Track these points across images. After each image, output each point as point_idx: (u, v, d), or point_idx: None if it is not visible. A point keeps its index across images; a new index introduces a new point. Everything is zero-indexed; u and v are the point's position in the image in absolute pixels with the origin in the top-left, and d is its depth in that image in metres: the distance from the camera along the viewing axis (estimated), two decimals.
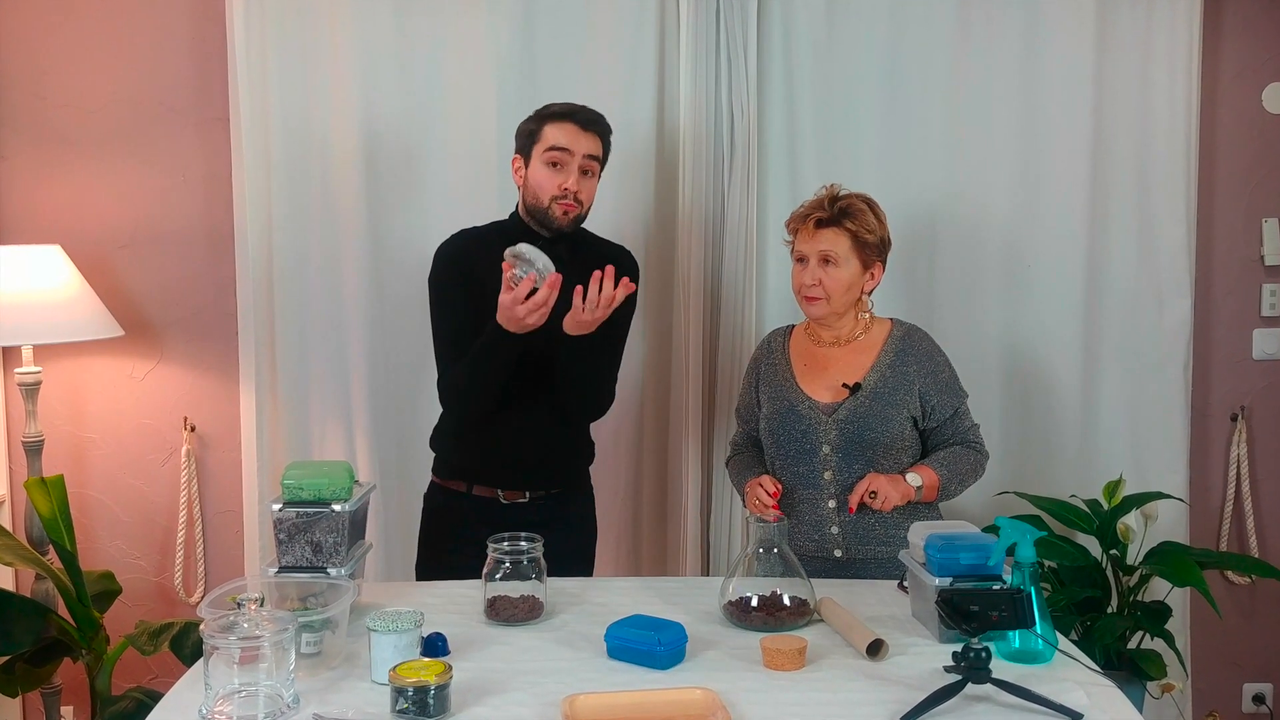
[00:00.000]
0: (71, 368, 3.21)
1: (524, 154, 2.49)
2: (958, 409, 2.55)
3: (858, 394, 2.49)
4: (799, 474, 2.52)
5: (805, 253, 2.51)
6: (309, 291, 3.15)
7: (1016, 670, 1.89)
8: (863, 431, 2.47)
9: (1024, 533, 2.01)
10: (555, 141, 2.42)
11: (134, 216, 3.20)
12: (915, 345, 2.55)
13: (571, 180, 2.43)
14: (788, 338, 2.66)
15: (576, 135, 2.44)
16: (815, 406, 2.52)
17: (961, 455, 2.53)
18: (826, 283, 2.49)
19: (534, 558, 2.16)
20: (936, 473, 2.48)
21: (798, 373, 2.58)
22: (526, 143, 2.48)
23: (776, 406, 2.56)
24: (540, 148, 2.44)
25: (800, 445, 2.51)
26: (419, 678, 1.69)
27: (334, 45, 3.10)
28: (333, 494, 2.11)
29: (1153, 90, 3.22)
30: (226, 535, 3.28)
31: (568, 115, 2.45)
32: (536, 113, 2.50)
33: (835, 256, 2.48)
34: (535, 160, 2.45)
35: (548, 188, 2.43)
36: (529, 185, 2.47)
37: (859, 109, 3.20)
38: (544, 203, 2.44)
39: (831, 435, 2.49)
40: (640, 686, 1.85)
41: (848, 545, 2.49)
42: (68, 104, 3.17)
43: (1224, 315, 3.40)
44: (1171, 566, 2.90)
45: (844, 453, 2.48)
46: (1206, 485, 3.43)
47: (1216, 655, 3.41)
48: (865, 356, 2.54)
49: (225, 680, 1.71)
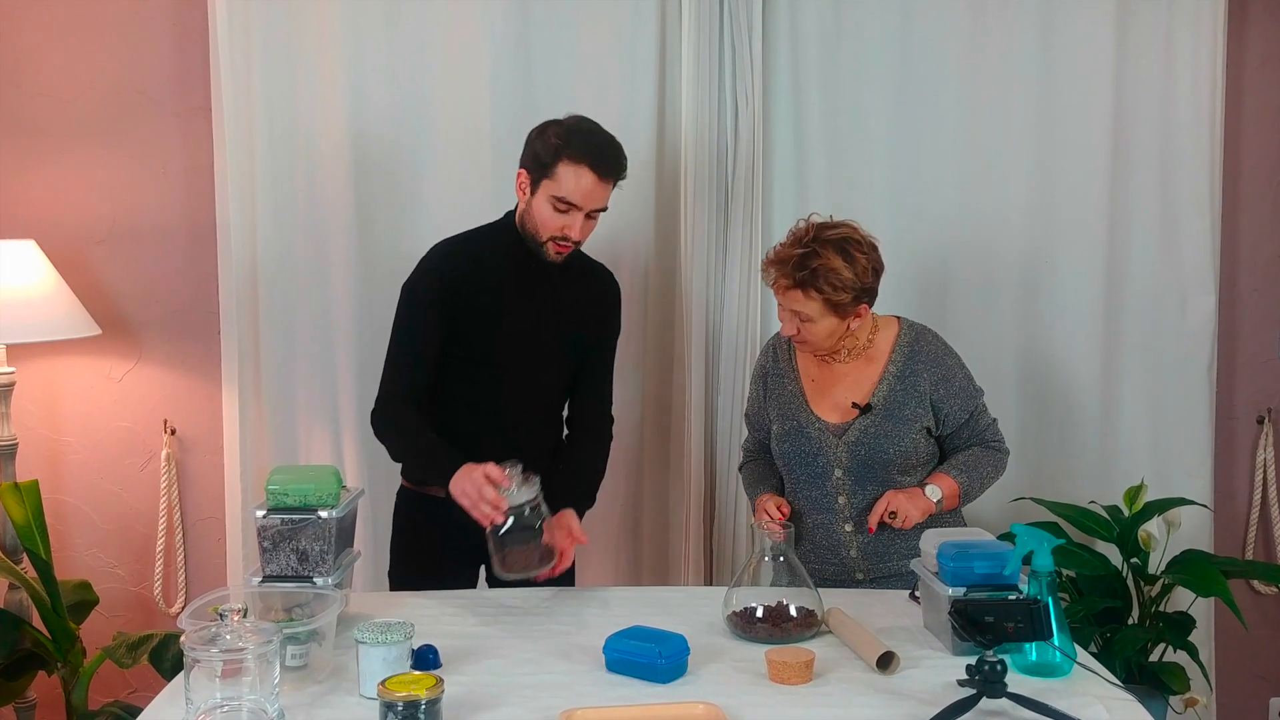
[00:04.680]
0: (46, 368, 3.21)
1: (531, 178, 2.42)
2: (974, 411, 2.55)
3: (868, 414, 2.48)
4: (812, 498, 2.53)
5: (780, 302, 2.47)
6: (294, 289, 3.15)
7: (1033, 684, 1.89)
8: (875, 453, 2.47)
9: (1041, 540, 2.01)
10: (568, 195, 2.36)
11: (112, 210, 3.20)
12: (924, 350, 2.54)
13: (575, 230, 2.40)
14: (793, 346, 2.64)
15: (593, 189, 2.37)
16: (825, 428, 2.51)
17: (981, 457, 2.53)
18: (805, 334, 2.46)
19: (535, 505, 2.19)
20: (956, 480, 2.49)
21: (807, 389, 2.57)
22: (536, 170, 2.40)
23: (786, 427, 2.55)
24: (550, 188, 2.37)
25: (810, 469, 2.51)
26: (409, 692, 1.69)
27: (321, 32, 3.10)
28: (319, 500, 2.12)
29: (1175, 79, 3.21)
30: (208, 543, 3.28)
31: (588, 159, 2.35)
32: (556, 135, 2.38)
33: (807, 316, 2.43)
34: (542, 195, 2.39)
35: (549, 227, 2.40)
36: (531, 214, 2.43)
37: (869, 104, 3.20)
38: (541, 237, 2.43)
39: (843, 458, 2.49)
40: (640, 701, 1.85)
41: (869, 567, 2.50)
42: (43, 92, 3.17)
43: (1250, 313, 3.39)
44: (1195, 575, 2.89)
45: (856, 475, 2.48)
46: (1232, 491, 3.42)
47: (1242, 668, 3.41)
48: (873, 367, 2.53)
49: (207, 695, 1.71)
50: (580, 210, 2.38)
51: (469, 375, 2.51)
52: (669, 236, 3.23)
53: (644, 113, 3.16)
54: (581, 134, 2.39)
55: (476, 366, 2.51)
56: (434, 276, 2.50)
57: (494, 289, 2.48)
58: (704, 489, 3.22)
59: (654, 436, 3.28)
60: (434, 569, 2.49)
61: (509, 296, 2.49)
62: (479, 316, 2.47)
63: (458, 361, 2.50)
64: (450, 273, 2.49)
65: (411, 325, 2.50)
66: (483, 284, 2.47)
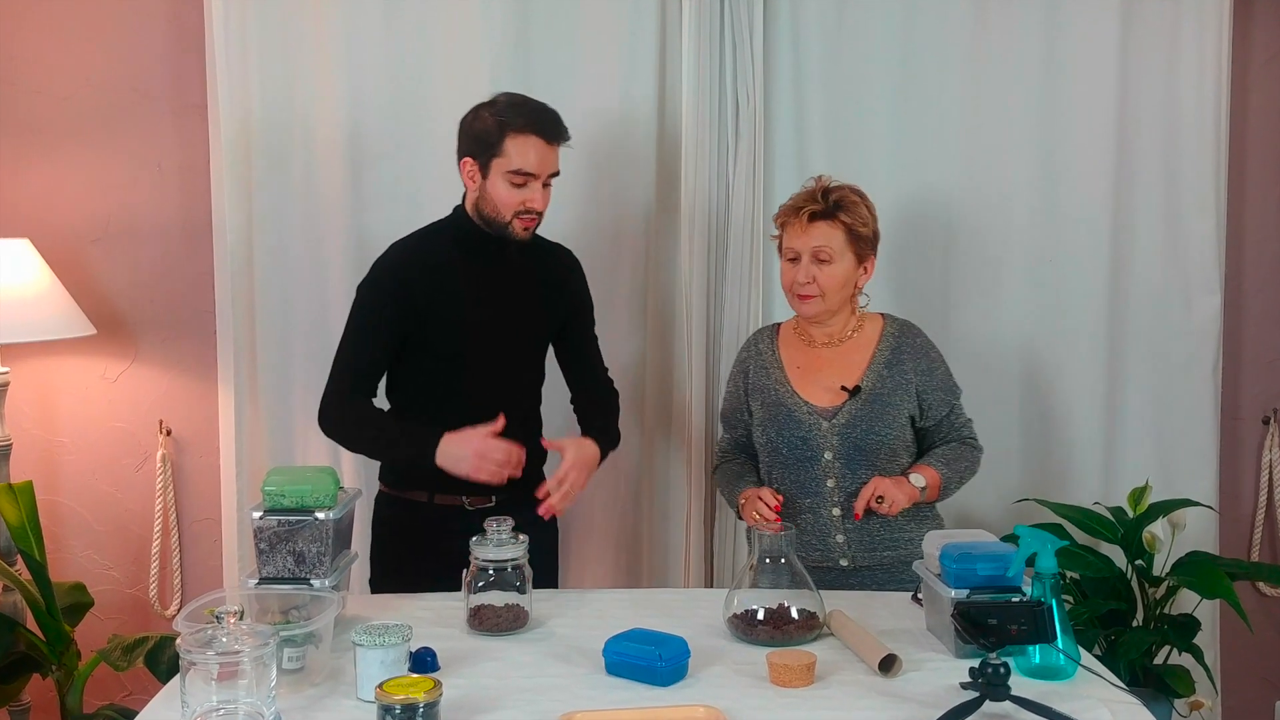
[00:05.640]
0: (41, 368, 3.21)
1: (479, 162, 2.47)
2: (953, 406, 2.60)
3: (858, 396, 2.51)
4: (800, 482, 2.54)
5: (798, 249, 2.53)
6: (291, 288, 3.15)
7: (1037, 687, 1.89)
8: (866, 435, 2.50)
9: (1045, 542, 2.01)
10: (522, 165, 2.43)
11: (107, 209, 3.20)
12: (910, 343, 2.59)
13: (537, 199, 2.46)
14: (775, 338, 2.68)
15: (544, 155, 2.45)
16: (814, 411, 2.53)
17: (960, 452, 2.58)
18: (821, 280, 2.51)
19: (518, 565, 2.18)
20: (938, 472, 2.53)
21: (791, 376, 2.60)
22: (484, 152, 2.46)
23: (773, 413, 2.57)
24: (502, 165, 2.44)
25: (800, 452, 2.53)
26: (407, 695, 1.69)
27: (318, 28, 3.09)
28: (316, 501, 2.12)
29: (1180, 75, 3.21)
30: (204, 545, 3.28)
31: (531, 127, 2.43)
32: (492, 114, 2.45)
33: (830, 252, 2.50)
34: (496, 175, 2.45)
35: (510, 204, 2.46)
36: (487, 197, 2.48)
37: (871, 96, 3.20)
38: (505, 218, 2.47)
39: (833, 441, 2.51)
40: (640, 704, 1.85)
41: (854, 553, 2.51)
42: (38, 90, 3.17)
43: (1255, 312, 3.39)
44: (1200, 577, 2.89)
45: (847, 458, 2.51)
46: (1237, 492, 3.42)
47: (1248, 671, 3.41)
48: (860, 356, 2.57)
49: (203, 698, 1.71)
50: (537, 179, 2.45)
51: (438, 373, 2.53)
52: (669, 235, 3.23)
53: (644, 110, 3.16)
54: (517, 106, 2.46)
55: (445, 363, 2.52)
56: (391, 276, 2.52)
57: (453, 283, 2.51)
58: (704, 490, 3.22)
59: (654, 437, 3.27)
60: (416, 575, 2.48)
61: (469, 289, 2.52)
62: (441, 312, 2.50)
63: (426, 360, 2.52)
64: (407, 270, 2.52)
65: (367, 325, 2.53)
66: (441, 279, 2.50)
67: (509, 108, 2.46)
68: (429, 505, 2.54)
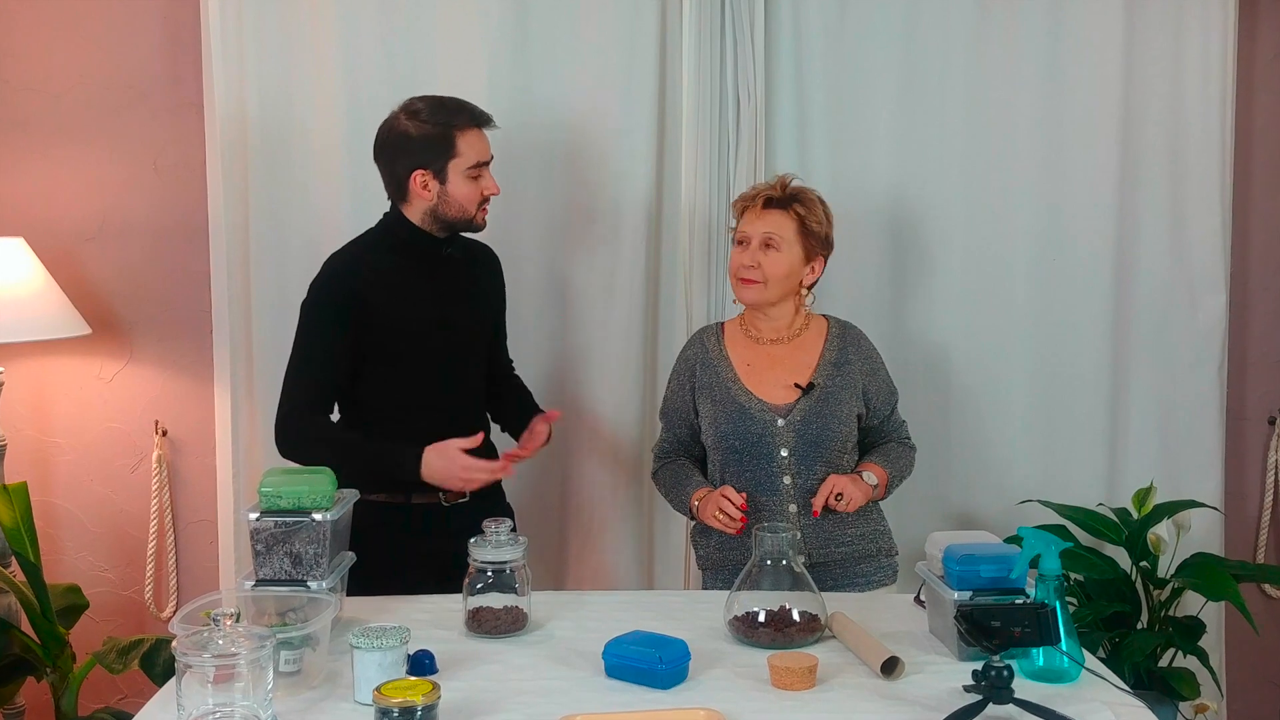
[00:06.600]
0: (35, 368, 3.21)
1: (432, 169, 2.53)
2: (894, 406, 2.69)
3: (811, 393, 2.55)
4: (755, 480, 2.56)
5: (748, 234, 2.59)
6: (287, 287, 3.13)
7: (1041, 690, 1.89)
8: (820, 432, 2.55)
9: (1048, 544, 2.01)
10: (479, 157, 2.55)
11: (102, 207, 3.20)
12: (855, 342, 2.66)
13: (492, 184, 2.59)
14: (721, 336, 2.70)
15: (486, 142, 2.59)
16: (768, 408, 2.57)
17: (900, 452, 2.67)
18: (765, 266, 2.56)
19: (516, 567, 2.18)
20: (886, 470, 2.61)
21: (742, 374, 2.62)
22: (436, 159, 2.52)
23: (725, 410, 2.58)
24: (460, 164, 2.53)
25: (755, 450, 2.56)
26: (405, 698, 1.69)
27: (315, 26, 3.09)
28: (313, 502, 2.12)
29: (1185, 73, 3.21)
30: (200, 546, 3.28)
31: (472, 120, 2.55)
32: (431, 120, 2.52)
33: (778, 240, 2.56)
34: (455, 176, 2.53)
35: (474, 198, 2.57)
36: (449, 200, 2.55)
37: (873, 94, 3.20)
38: (470, 212, 2.58)
39: (789, 438, 2.54)
40: (640, 707, 1.85)
41: (810, 550, 2.54)
42: (32, 87, 3.17)
43: (1261, 311, 3.39)
44: (1205, 579, 2.89)
45: (801, 455, 2.55)
46: (1243, 493, 3.42)
47: (1253, 674, 3.41)
48: (809, 354, 2.62)
49: (199, 701, 1.71)
50: (487, 166, 2.59)
51: (394, 380, 2.56)
52: (670, 234, 3.22)
53: (644, 109, 3.16)
54: (449, 107, 2.57)
55: (400, 369, 2.56)
56: (339, 287, 2.55)
57: (401, 289, 2.56)
58: None
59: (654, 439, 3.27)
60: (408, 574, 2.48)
61: (417, 293, 2.58)
62: (393, 318, 2.54)
63: (380, 368, 2.55)
64: (353, 280, 2.55)
65: (319, 341, 2.54)
66: (389, 286, 2.55)
67: (443, 110, 2.55)
68: (407, 505, 2.55)
